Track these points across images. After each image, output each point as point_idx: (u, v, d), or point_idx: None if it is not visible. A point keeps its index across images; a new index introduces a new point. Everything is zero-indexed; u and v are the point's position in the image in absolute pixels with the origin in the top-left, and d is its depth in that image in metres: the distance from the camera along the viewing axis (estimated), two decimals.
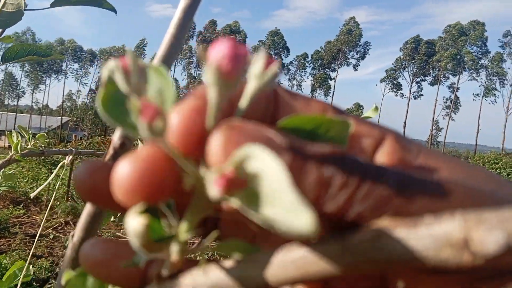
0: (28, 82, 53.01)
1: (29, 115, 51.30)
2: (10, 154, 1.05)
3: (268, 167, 0.16)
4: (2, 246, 4.80)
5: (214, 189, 0.17)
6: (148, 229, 0.19)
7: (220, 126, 0.18)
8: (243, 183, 0.16)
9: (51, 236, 5.26)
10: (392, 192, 0.17)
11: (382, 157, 0.22)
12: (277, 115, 0.23)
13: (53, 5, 0.87)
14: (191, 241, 0.23)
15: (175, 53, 0.37)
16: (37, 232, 5.25)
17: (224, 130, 0.18)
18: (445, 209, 0.17)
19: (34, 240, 5.02)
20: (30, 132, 1.19)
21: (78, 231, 0.39)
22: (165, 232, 0.21)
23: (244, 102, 0.20)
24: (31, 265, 1.03)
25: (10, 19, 0.83)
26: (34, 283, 3.82)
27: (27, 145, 1.14)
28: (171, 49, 0.38)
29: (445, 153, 0.23)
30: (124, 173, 0.19)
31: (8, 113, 51.04)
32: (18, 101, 54.14)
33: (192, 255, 0.22)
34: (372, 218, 0.17)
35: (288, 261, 0.18)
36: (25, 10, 0.82)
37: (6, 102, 56.70)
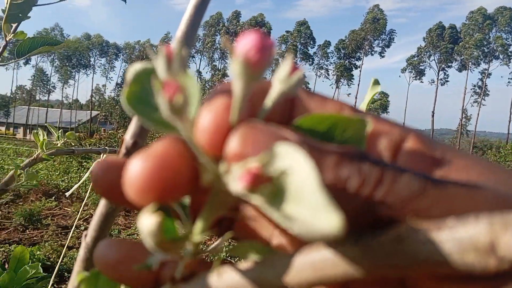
0: (58, 77, 54.28)
1: (59, 109, 52.55)
2: (37, 153, 1.06)
3: (296, 164, 0.15)
4: (35, 238, 4.96)
5: (238, 184, 0.16)
6: (161, 227, 0.18)
7: (241, 124, 0.18)
8: (268, 179, 0.16)
9: (82, 228, 5.40)
10: (412, 191, 0.17)
11: (405, 156, 0.21)
12: (293, 114, 0.22)
13: None
14: (205, 243, 0.23)
15: (190, 44, 0.37)
16: (69, 224, 5.43)
17: (244, 128, 0.18)
18: (470, 211, 0.16)
19: (66, 232, 5.18)
20: (60, 131, 1.18)
21: (91, 230, 0.39)
22: (179, 233, 0.20)
23: (267, 104, 0.20)
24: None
25: (22, 10, 0.83)
26: (65, 273, 3.94)
27: (57, 143, 1.14)
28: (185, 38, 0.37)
29: (473, 154, 0.22)
30: (135, 171, 0.18)
31: (39, 108, 52.47)
32: (49, 96, 55.54)
33: (206, 257, 0.22)
34: (392, 219, 0.17)
35: (307, 263, 0.18)
36: (35, 5, 0.82)
37: (37, 97, 58.27)
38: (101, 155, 1.24)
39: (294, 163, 0.15)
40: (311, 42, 49.65)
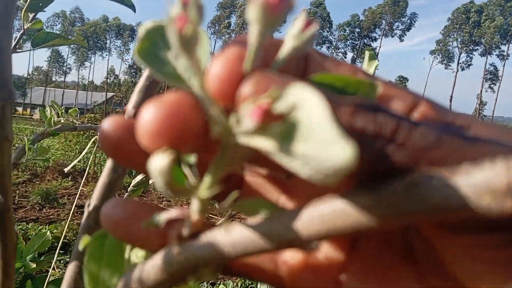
0: (75, 59, 54.78)
1: (75, 91, 53.18)
2: (44, 129, 1.09)
3: (306, 99, 0.15)
4: (51, 217, 5.06)
5: (249, 121, 0.16)
6: (172, 166, 0.18)
7: (254, 72, 0.18)
8: (279, 117, 0.16)
9: None
10: (428, 141, 0.16)
11: (417, 118, 0.20)
12: (307, 72, 0.22)
13: None
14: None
15: None
16: (84, 203, 5.51)
17: (258, 75, 0.18)
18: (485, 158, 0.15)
19: (81, 211, 5.27)
20: (62, 108, 1.22)
21: (93, 200, 0.39)
22: (187, 183, 0.20)
23: (279, 58, 0.20)
24: (48, 231, 1.08)
25: (43, 1, 0.84)
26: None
27: (60, 120, 1.18)
28: None
29: (483, 120, 0.21)
30: (149, 116, 0.18)
31: (55, 89, 53.16)
32: (65, 77, 56.18)
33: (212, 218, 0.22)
34: (407, 167, 0.16)
35: (317, 214, 0.17)
36: None
37: (53, 79, 58.99)
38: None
39: (305, 100, 0.15)
40: (328, 25, 49.12)
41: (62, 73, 55.65)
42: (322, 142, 0.14)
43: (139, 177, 0.98)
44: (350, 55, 50.18)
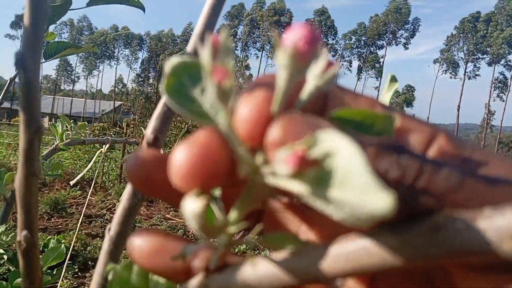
0: (83, 68, 55.15)
1: (83, 99, 53.47)
2: (56, 143, 1.11)
3: (340, 147, 0.16)
4: (59, 226, 5.08)
5: (284, 168, 0.16)
6: (206, 210, 0.19)
7: (281, 116, 0.18)
8: (314, 163, 0.16)
9: (107, 217, 5.50)
10: (450, 184, 0.17)
11: (434, 153, 0.21)
12: (326, 108, 0.23)
13: (88, 4, 0.91)
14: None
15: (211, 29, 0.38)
16: (92, 213, 5.55)
17: (285, 118, 0.18)
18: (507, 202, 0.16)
19: (90, 220, 5.29)
20: (71, 122, 1.24)
21: (114, 225, 0.40)
22: (216, 221, 0.21)
23: (302, 98, 0.21)
24: (62, 245, 1.10)
25: (57, 13, 0.85)
26: (89, 261, 4.02)
27: (69, 134, 1.19)
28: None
29: (499, 154, 0.22)
30: (183, 158, 0.19)
31: (64, 97, 53.48)
32: (73, 86, 56.53)
33: (237, 248, 0.23)
34: (430, 210, 0.17)
35: (342, 253, 0.18)
36: (70, 10, 0.84)
37: (62, 87, 59.39)
38: (104, 146, 1.28)
39: (339, 147, 0.16)
40: (333, 32, 49.14)
41: (71, 82, 56.03)
42: (358, 190, 0.15)
43: None
44: (356, 63, 50.15)
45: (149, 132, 0.38)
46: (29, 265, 0.38)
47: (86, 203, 1.35)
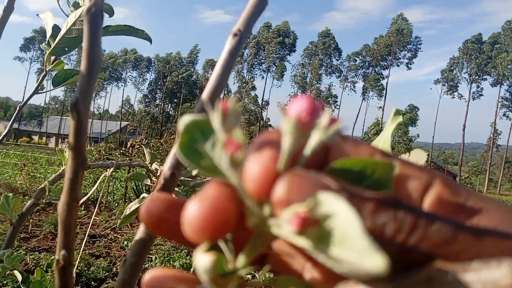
0: None
1: (90, 120, 53.83)
2: (62, 169, 1.12)
3: (340, 211, 0.17)
4: None
5: (288, 228, 0.18)
6: (216, 265, 0.21)
7: (286, 174, 0.20)
8: (315, 223, 0.18)
9: (110, 237, 5.50)
10: (443, 237, 0.18)
11: (431, 200, 0.22)
12: (328, 157, 0.24)
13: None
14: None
15: (220, 91, 0.40)
16: (96, 233, 5.54)
17: (289, 177, 0.20)
18: (496, 257, 0.18)
19: (93, 240, 5.28)
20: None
21: (129, 256, 0.42)
22: (227, 267, 0.22)
23: (307, 152, 0.22)
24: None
25: (69, 45, 0.88)
26: (92, 282, 4.00)
27: None
28: (217, 87, 0.41)
29: (493, 199, 0.23)
30: (195, 213, 0.21)
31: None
32: None
33: None
34: (423, 262, 0.18)
35: None
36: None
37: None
38: (108, 170, 1.29)
39: (338, 210, 0.17)
40: (337, 54, 49.60)
41: None
42: (356, 251, 0.16)
43: (134, 205, 0.99)
44: (360, 84, 50.41)
45: (166, 168, 0.40)
46: (64, 281, 0.41)
47: (90, 223, 1.36)
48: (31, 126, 55.76)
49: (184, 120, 0.24)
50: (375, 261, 0.16)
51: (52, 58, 0.91)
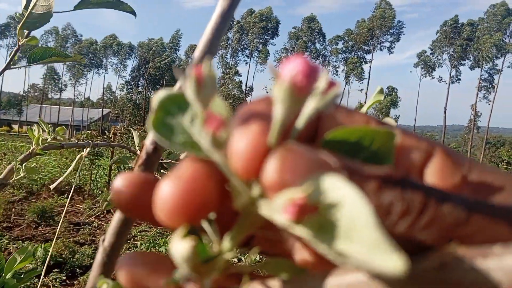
0: (70, 76, 54.72)
1: (71, 107, 53.02)
2: (32, 148, 1.10)
3: (346, 196, 0.15)
4: (47, 234, 5.01)
5: (282, 216, 0.16)
6: (195, 252, 0.18)
7: (277, 149, 0.17)
8: (314, 210, 0.15)
9: (95, 224, 5.45)
10: (456, 219, 0.16)
11: (433, 172, 0.21)
12: (320, 128, 0.22)
13: (76, 7, 0.90)
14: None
15: (214, 49, 0.37)
16: (80, 220, 5.48)
17: (281, 154, 0.17)
18: None
19: (78, 228, 5.23)
20: (49, 126, 1.23)
21: (108, 236, 0.39)
22: (210, 251, 0.20)
23: (301, 122, 0.20)
24: (29, 247, 1.05)
25: (39, 20, 0.85)
26: (77, 269, 3.98)
27: (47, 138, 1.17)
28: (211, 44, 0.37)
29: (499, 168, 0.22)
30: (166, 195, 0.18)
31: (51, 106, 53.03)
32: (60, 94, 56.04)
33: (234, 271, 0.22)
34: (436, 245, 0.16)
35: (341, 285, 0.17)
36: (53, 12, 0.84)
37: (49, 96, 58.86)
38: (85, 149, 1.27)
39: (344, 195, 0.15)
40: (321, 38, 49.43)
41: (58, 90, 55.53)
42: (367, 245, 0.14)
43: None
44: (342, 68, 50.37)
45: (148, 142, 0.38)
46: None
47: (64, 210, 1.33)
48: (10, 115, 54.52)
49: (158, 95, 0.21)
50: (389, 260, 0.13)
51: (26, 32, 0.87)
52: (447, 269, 0.15)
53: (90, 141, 1.23)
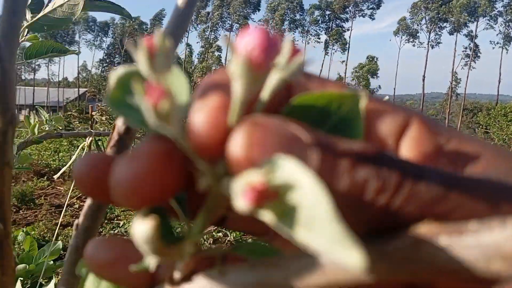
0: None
1: (46, 88, 52.03)
2: (28, 136, 1.07)
3: (304, 182, 0.14)
4: (29, 218, 4.97)
5: (241, 202, 0.15)
6: (157, 233, 0.17)
7: (242, 123, 0.16)
8: (273, 196, 0.14)
9: (76, 206, 5.42)
10: (433, 195, 0.15)
11: (409, 142, 0.20)
12: (292, 97, 0.21)
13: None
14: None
15: (181, 32, 0.35)
16: (62, 202, 5.44)
17: (247, 127, 0.16)
18: (494, 214, 0.15)
19: (59, 210, 5.19)
20: (48, 115, 1.20)
21: (82, 219, 0.37)
22: (176, 233, 0.20)
23: (265, 94, 0.18)
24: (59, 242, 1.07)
25: (51, 25, 0.80)
26: (61, 251, 3.96)
27: (45, 127, 1.15)
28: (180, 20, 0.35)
29: (476, 137, 0.20)
30: (121, 176, 0.17)
31: (26, 87, 51.89)
32: (34, 75, 54.84)
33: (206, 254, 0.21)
34: (411, 223, 0.16)
35: (316, 266, 0.17)
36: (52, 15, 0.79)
37: (23, 77, 57.56)
38: (87, 139, 1.26)
39: (302, 181, 0.14)
40: (299, 8, 49.12)
41: (31, 71, 54.29)
42: (326, 238, 0.13)
43: None
44: (324, 38, 50.32)
45: (120, 122, 0.36)
46: (1, 255, 0.37)
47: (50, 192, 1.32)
48: None
49: (117, 72, 0.20)
50: (349, 256, 0.13)
51: (26, 31, 0.82)
52: (420, 247, 0.15)
53: (92, 131, 1.20)
